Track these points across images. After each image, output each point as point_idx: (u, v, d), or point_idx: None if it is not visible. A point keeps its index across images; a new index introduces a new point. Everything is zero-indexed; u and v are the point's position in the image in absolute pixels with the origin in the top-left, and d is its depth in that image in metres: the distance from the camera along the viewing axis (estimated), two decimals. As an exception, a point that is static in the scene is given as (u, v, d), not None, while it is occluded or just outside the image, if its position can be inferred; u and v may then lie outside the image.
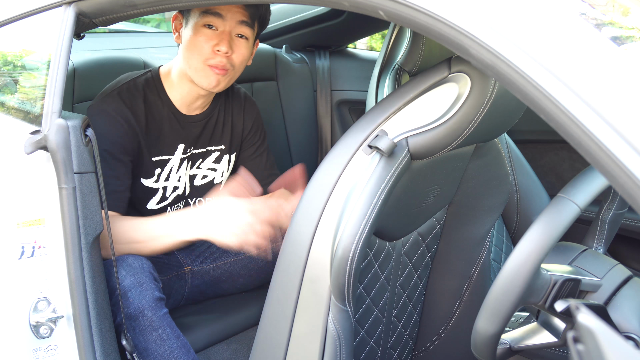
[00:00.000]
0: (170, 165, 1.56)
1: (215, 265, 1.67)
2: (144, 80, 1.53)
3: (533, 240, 0.86)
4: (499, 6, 0.79)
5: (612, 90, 0.70)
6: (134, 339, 1.31)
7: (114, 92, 1.47)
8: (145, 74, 1.54)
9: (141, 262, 1.33)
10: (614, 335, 0.57)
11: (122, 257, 1.34)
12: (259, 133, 1.73)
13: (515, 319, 1.47)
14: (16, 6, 1.30)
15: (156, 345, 1.31)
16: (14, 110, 1.29)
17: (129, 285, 1.29)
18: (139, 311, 1.29)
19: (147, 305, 1.30)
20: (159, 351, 1.32)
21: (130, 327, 1.30)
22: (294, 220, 1.14)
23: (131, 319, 1.30)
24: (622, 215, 1.26)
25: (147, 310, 1.30)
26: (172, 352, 1.33)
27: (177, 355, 1.33)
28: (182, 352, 1.34)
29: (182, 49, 1.48)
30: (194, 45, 1.44)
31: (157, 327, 1.31)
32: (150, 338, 1.31)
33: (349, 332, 1.10)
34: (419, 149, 1.09)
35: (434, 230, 1.46)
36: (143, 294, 1.30)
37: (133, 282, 1.30)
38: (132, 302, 1.29)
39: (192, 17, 1.44)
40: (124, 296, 1.29)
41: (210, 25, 1.43)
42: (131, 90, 1.49)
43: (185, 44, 1.46)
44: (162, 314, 1.32)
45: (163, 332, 1.32)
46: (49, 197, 1.17)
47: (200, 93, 1.53)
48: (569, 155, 2.23)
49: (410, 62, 1.73)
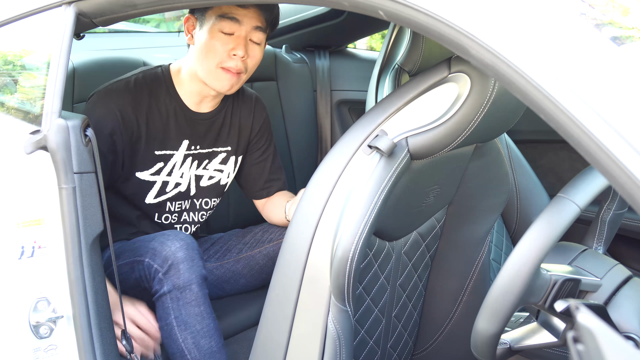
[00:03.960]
0: (173, 161, 1.57)
1: (218, 264, 1.67)
2: (154, 74, 1.54)
3: (533, 240, 0.86)
4: (499, 6, 0.79)
5: (612, 90, 0.70)
6: (176, 310, 1.34)
7: (121, 82, 1.49)
8: (156, 69, 1.56)
9: (191, 239, 1.38)
10: (613, 335, 0.57)
11: (173, 231, 1.40)
12: (265, 137, 1.73)
13: (515, 319, 1.47)
14: (16, 6, 1.30)
15: (196, 320, 1.35)
16: (14, 110, 1.29)
17: (182, 257, 1.33)
18: (187, 284, 1.33)
19: (196, 280, 1.34)
20: (197, 327, 1.35)
21: (175, 298, 1.34)
22: (294, 220, 1.14)
23: (179, 290, 1.33)
24: (622, 215, 1.26)
25: (195, 285, 1.34)
26: (208, 331, 1.36)
27: (212, 335, 1.37)
28: (217, 334, 1.38)
29: (196, 51, 1.48)
30: (209, 49, 1.44)
31: (200, 303, 1.35)
32: (192, 312, 1.35)
33: (349, 332, 1.10)
34: (419, 149, 1.09)
35: (434, 230, 1.46)
36: (194, 268, 1.34)
37: (186, 255, 1.33)
38: (182, 274, 1.33)
39: (208, 21, 1.44)
40: (176, 267, 1.32)
41: (226, 30, 1.43)
42: (138, 81, 1.51)
43: (200, 46, 1.46)
44: (206, 293, 1.37)
45: (205, 309, 1.36)
46: (49, 197, 1.17)
47: (210, 93, 1.54)
48: (569, 155, 2.23)
49: (410, 62, 1.73)
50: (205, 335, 1.35)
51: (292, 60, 2.39)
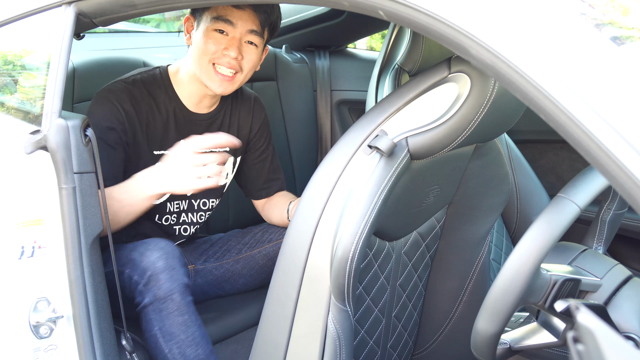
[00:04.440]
0: None
1: (218, 264, 1.67)
2: (152, 75, 1.55)
3: (533, 240, 0.86)
4: (498, 6, 0.79)
5: (612, 90, 0.70)
6: (159, 322, 1.33)
7: (120, 82, 1.50)
8: (154, 70, 1.57)
9: (172, 247, 1.36)
10: (613, 335, 0.57)
11: (154, 240, 1.37)
12: (264, 137, 1.73)
13: (515, 319, 1.47)
14: (16, 6, 1.30)
15: (180, 330, 1.33)
16: (14, 110, 1.29)
17: (161, 267, 1.31)
18: (168, 294, 1.31)
19: (177, 289, 1.32)
20: (181, 336, 1.33)
21: (157, 310, 1.32)
22: (294, 220, 1.14)
23: (160, 301, 1.32)
24: (622, 215, 1.26)
25: (177, 295, 1.32)
26: (194, 339, 1.34)
27: (199, 343, 1.35)
28: (204, 341, 1.36)
29: (192, 50, 1.50)
30: (203, 47, 1.46)
31: (183, 312, 1.33)
32: (175, 322, 1.33)
33: (349, 332, 1.10)
34: (419, 149, 1.09)
35: (433, 230, 1.46)
36: (174, 277, 1.32)
37: (166, 265, 1.32)
38: (163, 285, 1.31)
39: (204, 21, 1.46)
40: (155, 277, 1.31)
41: (221, 30, 1.45)
42: (137, 82, 1.51)
43: (195, 45, 1.48)
44: (189, 301, 1.35)
45: (189, 318, 1.34)
46: (49, 197, 1.16)
47: (208, 93, 1.55)
48: (569, 155, 2.23)
49: (410, 62, 1.73)
50: (191, 344, 1.34)
51: (292, 60, 2.39)
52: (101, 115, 1.43)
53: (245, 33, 1.47)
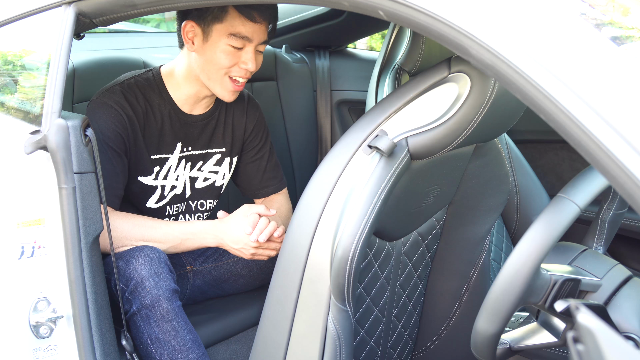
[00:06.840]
0: (169, 164, 1.57)
1: (216, 265, 1.67)
2: (145, 78, 1.53)
3: (533, 240, 0.86)
4: (498, 6, 0.79)
5: (612, 90, 0.70)
6: (148, 329, 1.32)
7: (116, 87, 1.48)
8: (147, 73, 1.55)
9: (158, 252, 1.36)
10: (613, 335, 0.57)
11: (139, 247, 1.37)
12: (260, 136, 1.72)
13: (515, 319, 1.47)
14: (16, 6, 1.30)
15: (170, 336, 1.33)
16: (14, 110, 1.29)
17: (146, 274, 1.31)
18: (155, 301, 1.31)
19: (163, 295, 1.32)
20: (172, 342, 1.33)
21: (145, 317, 1.32)
22: (293, 220, 1.14)
23: (147, 309, 1.31)
24: (622, 215, 1.26)
25: (164, 301, 1.32)
26: (184, 344, 1.34)
27: (189, 347, 1.35)
28: (194, 345, 1.36)
29: (201, 61, 1.47)
30: (218, 62, 1.45)
31: (172, 318, 1.33)
32: (164, 329, 1.32)
33: (348, 332, 1.10)
34: (419, 149, 1.09)
35: (433, 230, 1.46)
36: (160, 284, 1.32)
37: (151, 271, 1.31)
38: (149, 292, 1.31)
39: (216, 35, 1.43)
40: (141, 285, 1.30)
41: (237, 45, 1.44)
42: (132, 87, 1.50)
43: (208, 59, 1.46)
44: (177, 306, 1.35)
45: (177, 323, 1.34)
46: (49, 197, 1.17)
47: (206, 94, 1.55)
48: (569, 155, 2.23)
49: (410, 62, 1.73)
50: (182, 349, 1.33)
51: (292, 60, 2.39)
52: (106, 121, 1.42)
53: (258, 44, 1.48)
